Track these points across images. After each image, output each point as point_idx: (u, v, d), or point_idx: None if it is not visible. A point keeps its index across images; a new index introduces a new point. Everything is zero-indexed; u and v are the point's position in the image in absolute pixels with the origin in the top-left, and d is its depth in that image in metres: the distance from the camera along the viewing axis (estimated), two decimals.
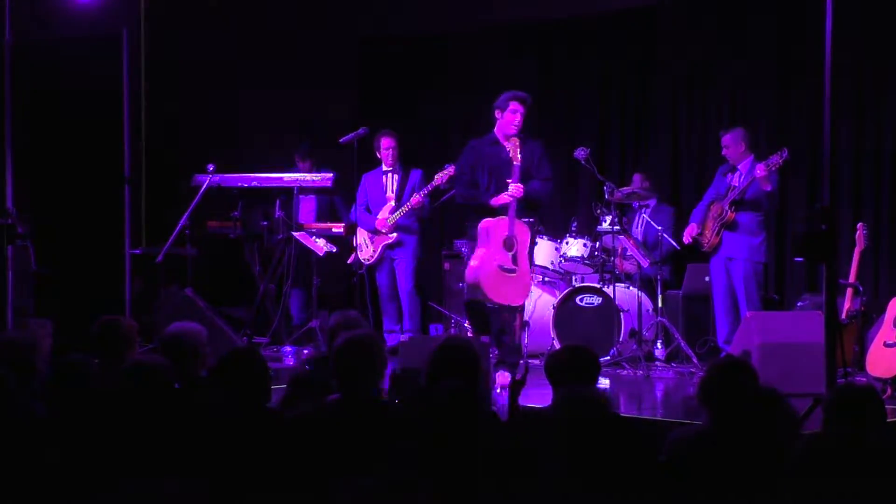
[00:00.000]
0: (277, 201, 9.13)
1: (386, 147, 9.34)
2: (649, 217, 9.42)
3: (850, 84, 9.13)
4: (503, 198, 7.64)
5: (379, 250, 9.28)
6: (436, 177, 9.05)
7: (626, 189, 9.01)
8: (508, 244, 7.60)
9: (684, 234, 8.65)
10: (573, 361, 4.55)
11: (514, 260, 7.61)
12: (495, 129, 7.83)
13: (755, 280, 8.38)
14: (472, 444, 3.72)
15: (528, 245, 7.74)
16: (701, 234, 8.54)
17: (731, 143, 8.49)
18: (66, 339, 6.68)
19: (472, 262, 7.70)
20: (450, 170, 8.90)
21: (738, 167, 8.45)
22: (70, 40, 9.62)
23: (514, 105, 7.73)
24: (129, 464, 3.88)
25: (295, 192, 8.90)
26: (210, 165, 8.84)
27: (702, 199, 8.73)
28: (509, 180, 7.61)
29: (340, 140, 8.81)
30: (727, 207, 8.36)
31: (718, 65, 9.95)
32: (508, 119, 7.75)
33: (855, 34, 8.86)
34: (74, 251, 9.30)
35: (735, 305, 8.42)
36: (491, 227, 7.65)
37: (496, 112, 7.79)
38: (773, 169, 8.09)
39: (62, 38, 9.64)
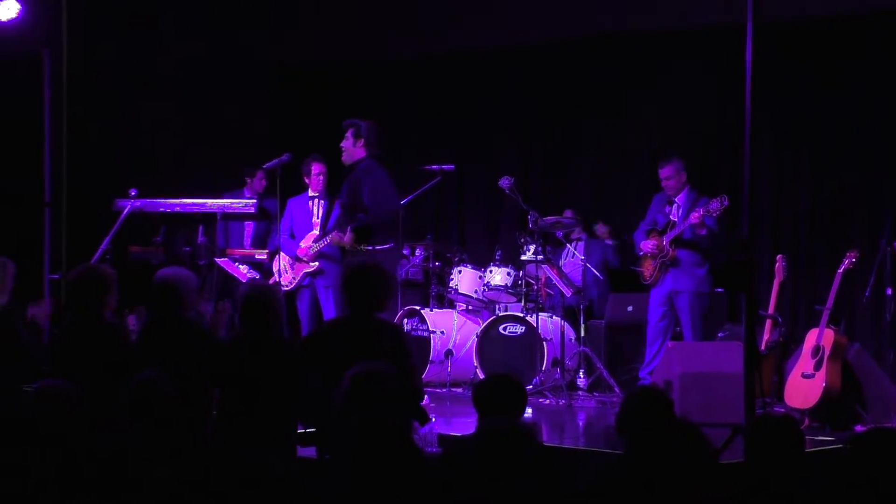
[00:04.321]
0: (200, 227, 9.03)
1: (317, 172, 9.26)
2: (578, 249, 9.37)
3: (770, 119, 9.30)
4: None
5: (299, 277, 9.21)
6: None
7: (550, 218, 8.98)
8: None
9: (642, 248, 8.46)
10: (502, 391, 4.54)
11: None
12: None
13: (701, 311, 8.32)
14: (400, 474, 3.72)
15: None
16: (643, 267, 8.50)
17: (673, 174, 8.36)
18: None
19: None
20: None
21: (676, 199, 8.36)
22: None
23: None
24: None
25: (218, 217, 8.81)
26: (132, 190, 8.72)
27: (640, 225, 8.59)
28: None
29: (265, 166, 8.76)
30: (667, 245, 8.32)
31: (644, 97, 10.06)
32: None
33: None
34: None
35: (665, 339, 8.39)
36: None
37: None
38: (715, 216, 7.97)
39: None
